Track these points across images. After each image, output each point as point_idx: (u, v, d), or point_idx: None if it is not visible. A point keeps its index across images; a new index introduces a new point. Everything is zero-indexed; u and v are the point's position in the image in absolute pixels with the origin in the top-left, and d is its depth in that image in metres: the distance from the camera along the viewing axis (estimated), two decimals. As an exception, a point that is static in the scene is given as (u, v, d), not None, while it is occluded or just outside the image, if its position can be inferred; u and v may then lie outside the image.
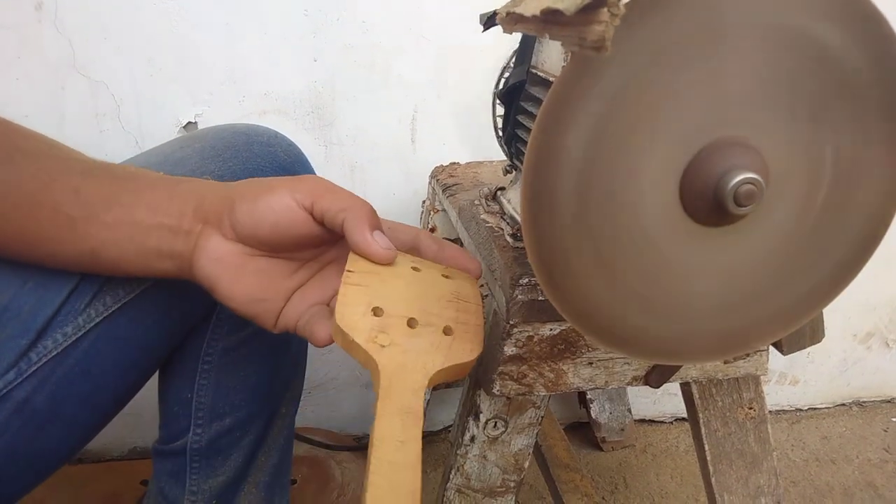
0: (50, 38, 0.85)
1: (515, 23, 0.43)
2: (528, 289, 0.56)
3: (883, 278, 1.21)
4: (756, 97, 0.44)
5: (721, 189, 0.43)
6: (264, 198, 0.45)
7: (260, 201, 0.45)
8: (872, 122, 0.46)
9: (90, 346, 0.52)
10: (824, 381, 1.32)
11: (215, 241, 0.46)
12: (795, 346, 0.60)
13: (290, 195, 0.45)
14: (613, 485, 1.13)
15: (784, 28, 0.42)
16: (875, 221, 0.49)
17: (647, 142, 0.43)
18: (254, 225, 0.45)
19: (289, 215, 0.45)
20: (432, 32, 0.95)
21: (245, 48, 0.91)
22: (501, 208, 0.70)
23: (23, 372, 0.49)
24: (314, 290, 0.50)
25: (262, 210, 0.44)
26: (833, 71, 0.44)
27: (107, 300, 0.52)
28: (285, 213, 0.45)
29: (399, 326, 0.43)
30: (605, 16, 0.32)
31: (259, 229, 0.45)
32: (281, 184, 0.46)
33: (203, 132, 0.63)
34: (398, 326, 0.43)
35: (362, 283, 0.45)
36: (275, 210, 0.44)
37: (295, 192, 0.45)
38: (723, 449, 0.67)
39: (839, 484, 1.15)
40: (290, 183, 0.46)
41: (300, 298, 0.49)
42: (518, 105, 0.62)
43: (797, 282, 0.50)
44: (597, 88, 0.41)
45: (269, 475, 0.68)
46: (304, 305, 0.49)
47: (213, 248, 0.46)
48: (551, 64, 0.58)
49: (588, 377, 0.60)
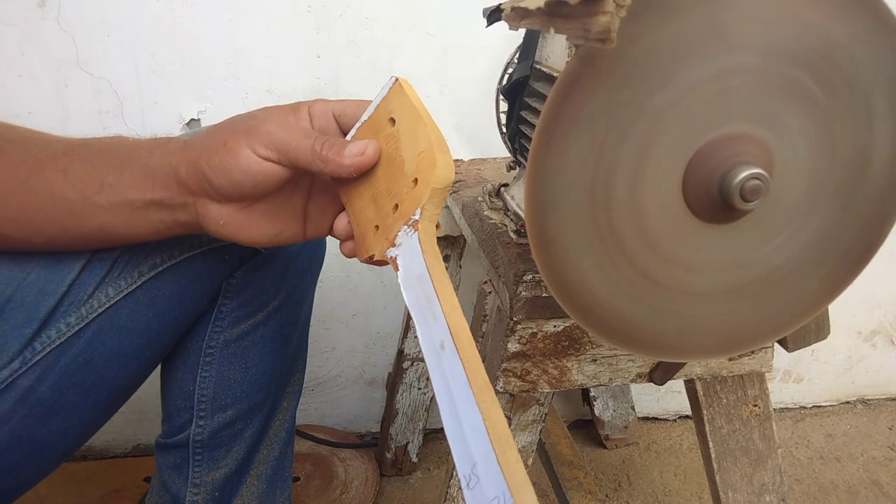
0: (53, 35, 0.85)
1: (521, 18, 0.43)
2: (532, 285, 0.56)
3: (888, 275, 1.20)
4: (759, 92, 0.43)
5: (727, 184, 0.43)
6: (234, 164, 0.45)
7: (232, 170, 0.45)
8: (878, 112, 0.45)
9: (93, 336, 0.53)
10: (829, 379, 1.32)
11: (213, 208, 0.47)
12: (801, 342, 0.60)
13: (253, 153, 0.45)
14: (617, 482, 1.13)
15: (787, 22, 0.42)
16: (880, 217, 0.49)
17: (650, 138, 0.43)
18: (237, 190, 0.46)
19: (263, 170, 0.45)
20: (435, 28, 0.94)
21: (248, 44, 0.91)
22: (505, 205, 0.70)
23: (27, 361, 0.50)
24: (321, 193, 0.51)
25: (237, 177, 0.45)
26: (838, 63, 0.44)
27: (109, 291, 0.53)
28: (259, 170, 0.45)
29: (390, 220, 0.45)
30: (610, 6, 0.32)
31: (243, 190, 0.46)
32: (238, 142, 0.45)
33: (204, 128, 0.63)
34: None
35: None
36: (250, 173, 0.45)
37: (255, 147, 0.45)
38: (727, 446, 0.67)
39: (844, 482, 1.14)
40: (246, 138, 0.45)
41: (315, 207, 0.51)
42: (522, 101, 0.61)
43: (802, 278, 0.50)
44: (601, 84, 0.41)
45: (270, 468, 0.68)
46: (321, 211, 0.51)
47: (214, 216, 0.47)
48: (555, 59, 0.58)
49: (592, 374, 0.60)
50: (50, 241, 0.49)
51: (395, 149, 0.46)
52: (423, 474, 1.12)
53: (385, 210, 0.46)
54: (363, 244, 0.47)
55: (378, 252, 0.45)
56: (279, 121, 0.46)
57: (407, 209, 0.44)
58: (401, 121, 0.46)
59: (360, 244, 0.47)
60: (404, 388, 1.03)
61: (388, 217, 0.45)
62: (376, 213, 0.46)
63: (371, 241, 0.46)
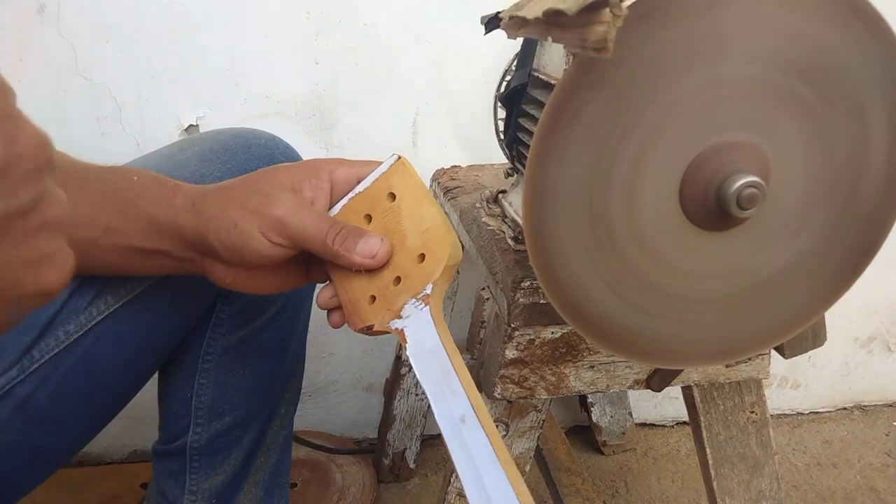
0: (52, 41, 0.85)
1: (519, 27, 0.43)
2: (530, 292, 0.56)
3: (884, 282, 1.20)
4: (755, 101, 0.44)
5: (724, 192, 0.43)
6: (245, 246, 0.45)
7: (245, 251, 0.45)
8: (872, 119, 0.46)
9: (92, 343, 0.53)
10: (826, 385, 1.32)
11: (219, 268, 0.48)
12: (797, 349, 0.60)
13: (266, 239, 0.45)
14: (614, 488, 1.13)
15: (782, 32, 0.42)
16: (877, 224, 0.49)
17: (648, 146, 0.43)
18: (248, 266, 0.47)
19: (274, 253, 0.45)
20: (434, 35, 0.95)
21: (247, 51, 0.91)
22: (503, 211, 0.70)
23: (25, 369, 0.50)
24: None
25: (249, 257, 0.45)
26: (831, 72, 0.44)
27: (108, 299, 0.53)
28: (271, 253, 0.45)
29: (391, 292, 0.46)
30: (607, 16, 0.32)
31: (254, 267, 0.47)
32: (249, 225, 0.45)
33: (203, 135, 0.64)
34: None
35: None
36: (262, 255, 0.45)
37: (267, 234, 0.44)
38: (724, 453, 0.67)
39: (841, 488, 1.14)
40: (258, 222, 0.44)
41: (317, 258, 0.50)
42: (520, 108, 0.62)
43: (799, 285, 0.50)
44: (599, 92, 0.41)
45: (268, 475, 0.68)
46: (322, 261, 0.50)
47: (222, 275, 0.48)
48: (553, 67, 0.58)
49: (589, 380, 0.60)
50: None
51: (394, 223, 0.47)
52: (421, 480, 1.12)
53: (384, 282, 0.46)
54: (356, 314, 0.47)
55: (379, 323, 0.45)
56: (292, 204, 0.45)
57: (415, 283, 0.44)
58: (403, 197, 0.47)
59: (353, 313, 0.47)
60: (402, 394, 1.03)
61: (387, 289, 0.46)
62: (371, 284, 0.46)
63: (367, 311, 0.46)
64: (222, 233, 0.45)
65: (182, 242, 0.47)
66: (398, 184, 0.47)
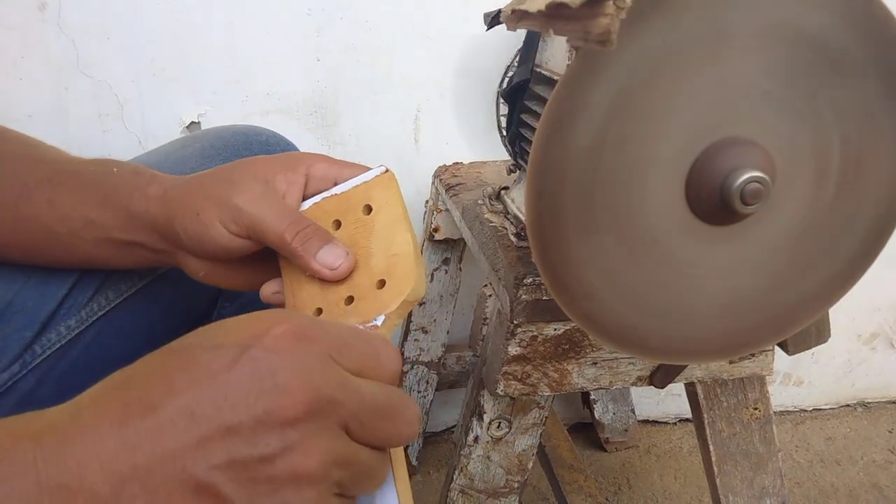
0: (53, 39, 0.85)
1: (520, 19, 0.43)
2: (533, 288, 0.56)
3: (888, 278, 1.20)
4: (759, 95, 0.43)
5: (727, 188, 0.43)
6: (205, 235, 0.44)
7: (205, 240, 0.44)
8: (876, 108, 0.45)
9: (93, 339, 0.53)
10: (829, 382, 1.32)
11: (191, 261, 0.47)
12: (801, 345, 0.60)
13: (224, 228, 0.43)
14: (617, 485, 1.12)
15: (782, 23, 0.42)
16: (882, 219, 0.49)
17: (652, 142, 0.43)
18: (212, 255, 0.45)
19: (234, 245, 0.44)
20: (435, 31, 0.94)
21: (248, 48, 0.91)
22: (505, 208, 0.70)
23: (27, 364, 0.50)
24: None
25: (210, 248, 0.44)
26: (832, 59, 0.43)
27: (109, 294, 0.53)
28: (230, 244, 0.44)
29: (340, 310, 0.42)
30: (610, 8, 0.32)
31: (217, 256, 0.46)
32: (209, 214, 0.43)
33: (204, 132, 0.64)
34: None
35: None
36: (222, 245, 0.44)
37: (226, 223, 0.43)
38: (727, 449, 0.66)
39: (844, 485, 1.14)
40: (218, 211, 0.43)
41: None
42: (522, 104, 0.61)
43: (803, 281, 0.50)
44: (601, 87, 0.41)
45: None
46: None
47: (194, 268, 0.47)
48: (555, 62, 0.58)
49: (592, 377, 0.60)
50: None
51: (363, 237, 0.44)
52: (423, 478, 1.12)
53: (335, 297, 0.42)
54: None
55: None
56: (255, 193, 0.44)
57: (367, 310, 0.41)
58: (379, 213, 0.44)
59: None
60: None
61: (336, 306, 0.42)
62: (321, 294, 0.43)
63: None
64: (186, 221, 0.44)
65: (154, 234, 0.46)
66: (378, 197, 0.44)
